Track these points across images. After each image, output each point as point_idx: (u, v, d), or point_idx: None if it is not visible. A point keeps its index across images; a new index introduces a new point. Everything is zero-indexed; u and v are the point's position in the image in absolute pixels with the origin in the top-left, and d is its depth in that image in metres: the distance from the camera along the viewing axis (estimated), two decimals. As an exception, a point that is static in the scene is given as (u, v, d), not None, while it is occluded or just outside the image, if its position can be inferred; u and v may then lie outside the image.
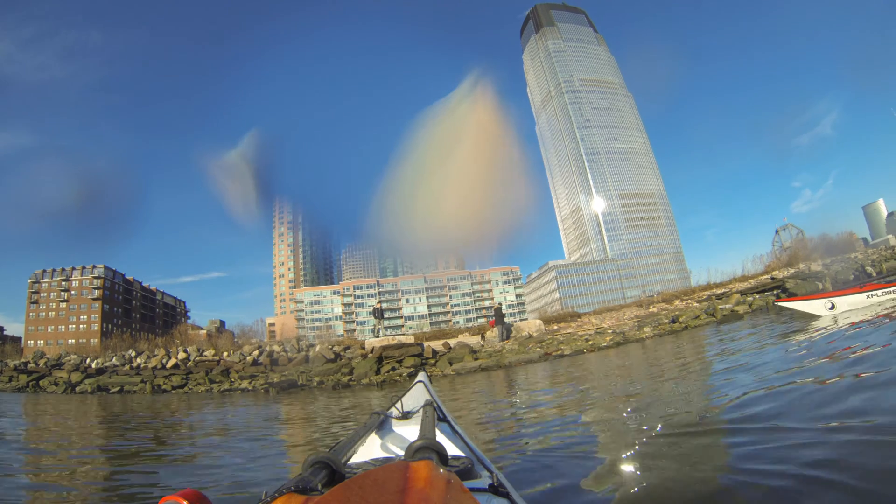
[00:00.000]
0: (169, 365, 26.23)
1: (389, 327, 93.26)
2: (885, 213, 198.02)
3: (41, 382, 25.55)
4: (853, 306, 11.38)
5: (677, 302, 31.73)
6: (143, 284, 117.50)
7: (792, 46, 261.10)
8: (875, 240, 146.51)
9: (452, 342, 25.99)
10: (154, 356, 27.33)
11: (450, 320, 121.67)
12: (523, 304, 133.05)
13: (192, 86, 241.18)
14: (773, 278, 28.97)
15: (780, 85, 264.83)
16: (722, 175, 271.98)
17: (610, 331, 24.16)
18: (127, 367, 26.95)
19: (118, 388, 23.61)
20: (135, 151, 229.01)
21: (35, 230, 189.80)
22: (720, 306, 23.86)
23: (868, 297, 11.51)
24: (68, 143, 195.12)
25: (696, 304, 28.15)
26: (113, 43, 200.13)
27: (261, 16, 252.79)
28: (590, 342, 21.94)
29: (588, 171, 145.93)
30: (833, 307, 11.56)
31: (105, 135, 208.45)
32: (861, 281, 17.37)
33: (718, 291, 31.27)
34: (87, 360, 28.34)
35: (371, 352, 24.58)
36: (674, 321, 23.40)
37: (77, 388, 24.24)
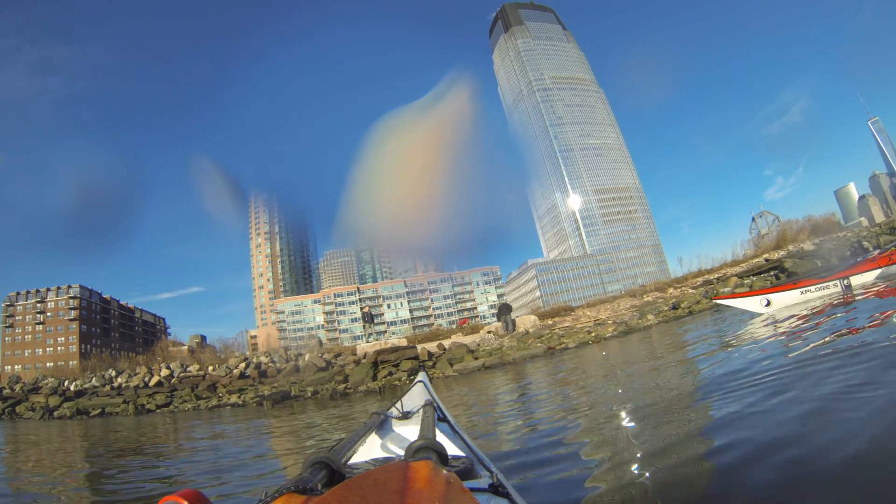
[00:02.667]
0: (152, 383, 24.98)
1: (373, 333, 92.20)
2: (856, 196, 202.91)
3: (17, 409, 24.10)
4: (788, 302, 11.59)
5: (671, 290, 31.31)
6: (121, 302, 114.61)
7: (760, 34, 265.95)
8: (848, 222, 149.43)
9: (447, 343, 25.27)
10: (136, 374, 26.00)
11: (432, 323, 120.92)
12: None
13: (162, 98, 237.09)
14: (767, 260, 28.69)
15: (749, 75, 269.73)
16: (695, 166, 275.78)
17: (610, 321, 23.58)
18: (107, 387, 25.60)
19: (99, 411, 22.30)
20: (109, 168, 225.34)
21: (6, 250, 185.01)
22: (722, 290, 23.44)
23: (802, 293, 11.66)
24: (38, 161, 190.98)
25: (691, 291, 27.73)
26: (79, 58, 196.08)
27: (232, 17, 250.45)
28: (592, 334, 21.30)
29: (563, 167, 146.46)
30: (769, 304, 11.73)
31: (78, 152, 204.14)
32: (846, 261, 17.39)
33: (711, 277, 30.95)
34: (66, 383, 26.99)
35: (364, 357, 23.68)
36: (674, 307, 22.87)
37: (55, 413, 22.92)
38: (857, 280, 11.24)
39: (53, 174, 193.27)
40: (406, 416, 2.74)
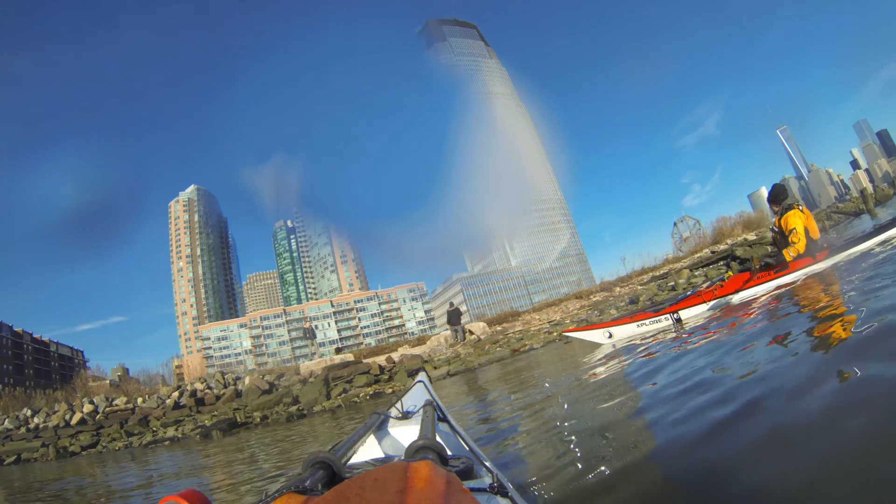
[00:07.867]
0: (74, 421, 22.51)
1: (303, 356, 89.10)
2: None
3: (-89, 463, 21.15)
4: (627, 334, 11.51)
5: (617, 289, 31.61)
6: (34, 336, 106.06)
7: (675, 51, 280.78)
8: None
9: (395, 356, 24.40)
10: (55, 413, 23.45)
11: (361, 343, 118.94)
12: (433, 318, 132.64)
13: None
14: (713, 252, 29.34)
15: (665, 90, 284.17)
16: (615, 178, 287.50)
17: (567, 321, 23.34)
18: (23, 429, 22.89)
19: (14, 458, 19.68)
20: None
21: None
22: (679, 280, 23.65)
23: (638, 325, 11.49)
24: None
25: (639, 288, 27.94)
26: None
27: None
28: (553, 334, 21.00)
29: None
30: (611, 336, 11.63)
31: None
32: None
33: (657, 273, 31.32)
34: (-29, 428, 24.07)
35: (311, 376, 22.39)
36: (632, 302, 22.88)
37: (-39, 465, 20.16)
38: (685, 314, 11.33)
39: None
40: (406, 416, 2.71)
